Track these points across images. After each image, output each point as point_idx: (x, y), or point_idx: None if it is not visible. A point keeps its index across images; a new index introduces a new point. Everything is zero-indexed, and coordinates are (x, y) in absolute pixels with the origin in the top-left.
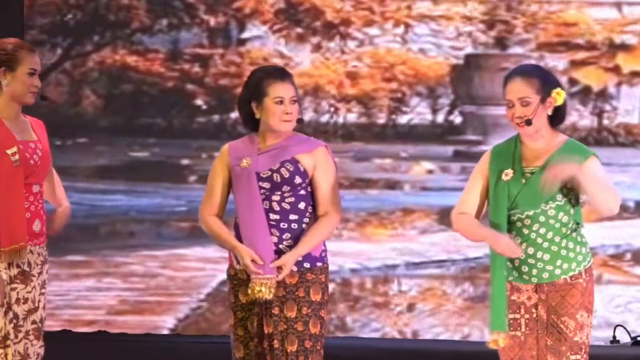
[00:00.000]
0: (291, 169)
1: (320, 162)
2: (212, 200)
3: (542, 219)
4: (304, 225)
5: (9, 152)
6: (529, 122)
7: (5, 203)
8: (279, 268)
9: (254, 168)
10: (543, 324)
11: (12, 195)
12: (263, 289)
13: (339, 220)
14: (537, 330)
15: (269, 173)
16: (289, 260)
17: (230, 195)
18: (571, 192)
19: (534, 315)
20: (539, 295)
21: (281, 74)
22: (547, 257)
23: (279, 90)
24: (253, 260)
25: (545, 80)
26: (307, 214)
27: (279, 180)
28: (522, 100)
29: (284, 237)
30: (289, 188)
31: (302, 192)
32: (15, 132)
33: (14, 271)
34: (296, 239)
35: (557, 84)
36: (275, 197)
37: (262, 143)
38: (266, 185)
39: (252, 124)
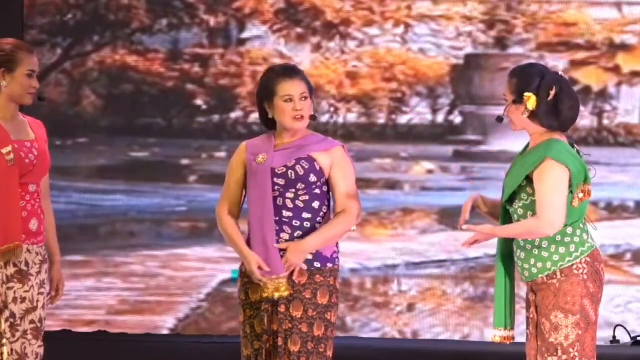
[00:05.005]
0: (306, 167)
1: (337, 162)
2: (228, 198)
3: (515, 217)
4: (317, 225)
5: (3, 151)
6: (497, 119)
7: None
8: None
9: (270, 164)
10: (535, 323)
11: (6, 194)
12: (282, 288)
13: (357, 218)
14: (534, 329)
15: (284, 170)
16: (296, 252)
17: (246, 194)
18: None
19: (533, 314)
20: (531, 294)
21: (289, 71)
22: (522, 255)
23: (287, 88)
24: (260, 268)
25: (521, 82)
26: (321, 214)
27: (293, 177)
28: (503, 97)
29: (295, 235)
30: (303, 186)
31: (317, 191)
32: (12, 132)
33: (11, 270)
34: (307, 237)
35: (534, 87)
36: (289, 195)
37: (279, 141)
38: (281, 181)
39: (269, 123)
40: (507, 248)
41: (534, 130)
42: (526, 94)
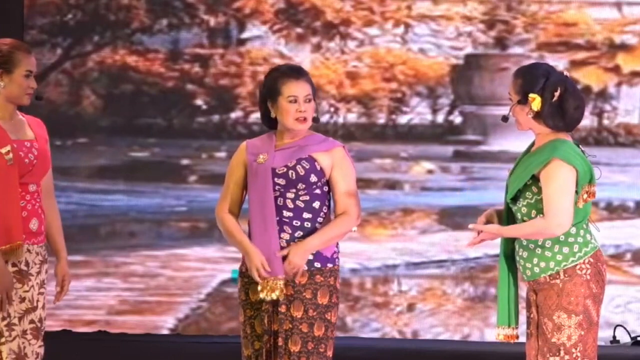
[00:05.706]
0: (307, 167)
1: (337, 162)
2: (227, 198)
3: (519, 215)
4: (317, 225)
5: (2, 151)
6: (503, 118)
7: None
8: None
9: (270, 164)
10: (535, 323)
11: (6, 194)
12: (277, 292)
13: (357, 220)
14: (534, 329)
15: (285, 169)
16: (298, 253)
17: (245, 194)
18: (542, 191)
19: (533, 314)
20: (531, 293)
21: (295, 72)
22: (525, 254)
23: (293, 89)
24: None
25: (526, 83)
26: (322, 214)
27: (294, 177)
28: (508, 97)
29: (296, 234)
30: (304, 186)
31: (318, 191)
32: (10, 132)
33: (11, 270)
34: (308, 237)
35: (539, 88)
36: (290, 195)
37: (279, 141)
38: (281, 181)
39: (270, 122)
40: (510, 246)
41: (540, 130)
42: (530, 95)
